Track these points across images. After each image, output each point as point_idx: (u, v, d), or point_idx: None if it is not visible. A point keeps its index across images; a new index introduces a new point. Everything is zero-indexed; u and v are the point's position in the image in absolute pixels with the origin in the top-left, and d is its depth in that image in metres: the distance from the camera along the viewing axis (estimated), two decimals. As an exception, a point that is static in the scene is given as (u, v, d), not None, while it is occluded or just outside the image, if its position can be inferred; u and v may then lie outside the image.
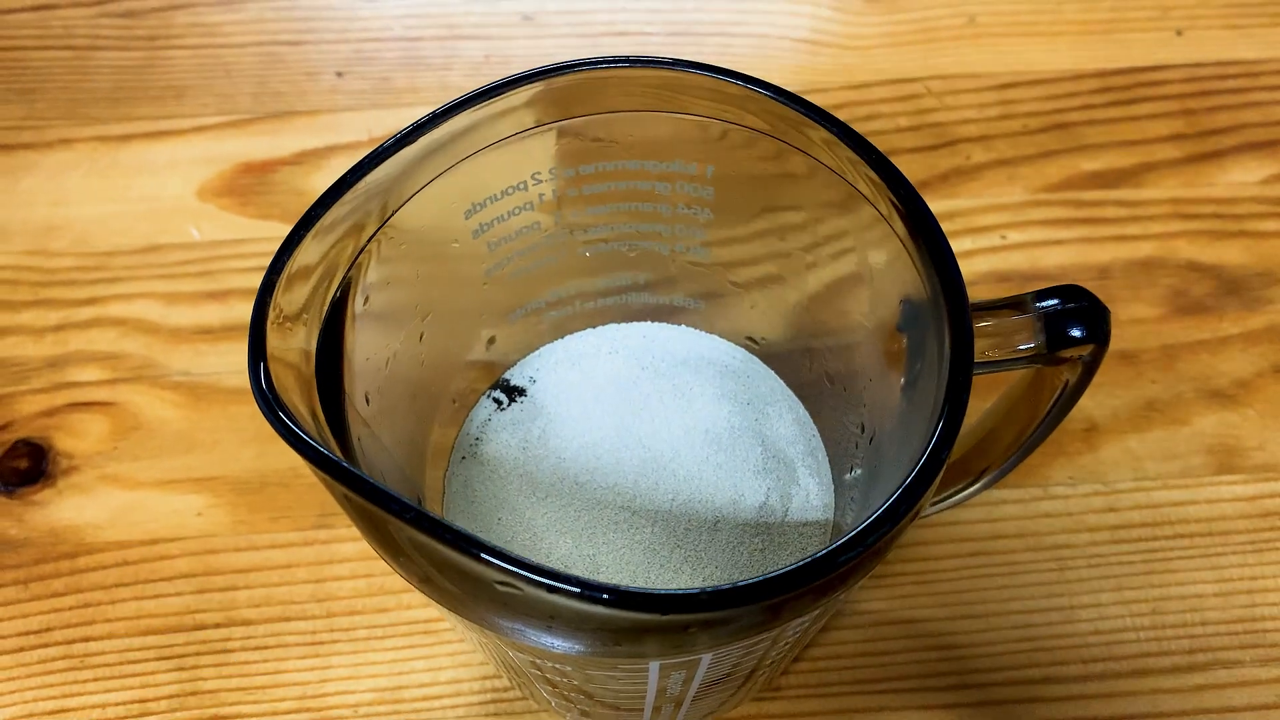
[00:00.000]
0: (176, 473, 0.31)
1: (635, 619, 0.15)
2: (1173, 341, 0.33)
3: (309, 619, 0.28)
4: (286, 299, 0.17)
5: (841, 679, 0.27)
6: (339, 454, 0.17)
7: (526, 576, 0.15)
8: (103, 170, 0.37)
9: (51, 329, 0.33)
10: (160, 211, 0.36)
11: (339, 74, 0.39)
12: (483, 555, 0.15)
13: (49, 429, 0.31)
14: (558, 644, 0.17)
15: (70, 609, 0.28)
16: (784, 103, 0.20)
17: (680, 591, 0.15)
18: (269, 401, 0.16)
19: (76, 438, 0.31)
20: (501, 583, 0.15)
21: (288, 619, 0.28)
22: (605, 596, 0.15)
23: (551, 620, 0.16)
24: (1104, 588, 0.28)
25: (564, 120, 0.22)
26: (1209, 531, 0.29)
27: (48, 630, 0.28)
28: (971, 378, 0.18)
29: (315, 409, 0.17)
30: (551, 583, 0.15)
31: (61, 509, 0.30)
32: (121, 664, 0.28)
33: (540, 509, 0.23)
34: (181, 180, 0.37)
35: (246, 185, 0.36)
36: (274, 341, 0.17)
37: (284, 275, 0.17)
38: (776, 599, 0.16)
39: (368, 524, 0.17)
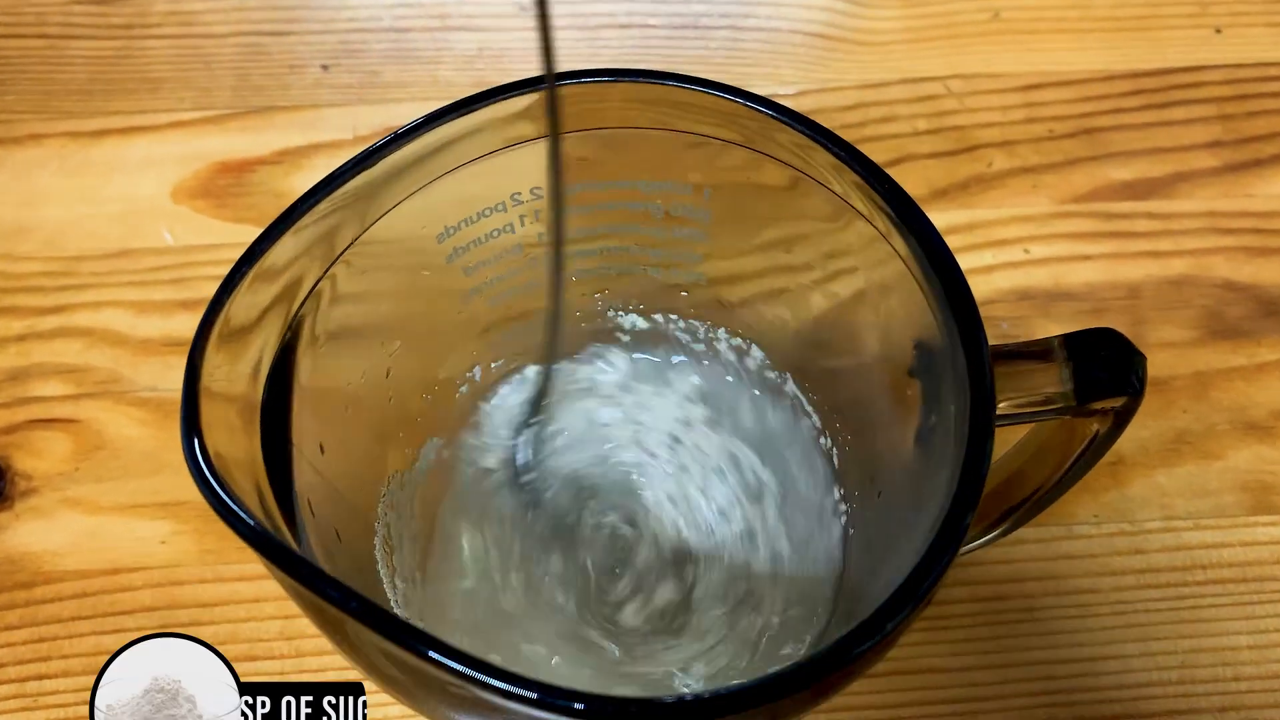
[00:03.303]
0: (141, 496, 0.29)
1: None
2: (1206, 368, 0.31)
3: (276, 658, 0.26)
4: (223, 354, 0.15)
5: (845, 733, 0.26)
6: (284, 527, 0.15)
7: (479, 679, 0.13)
8: (74, 169, 0.35)
9: (14, 339, 0.32)
10: (133, 213, 0.34)
11: (324, 67, 0.37)
12: (430, 654, 0.13)
13: (8, 447, 0.30)
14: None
15: (24, 643, 0.27)
16: (787, 123, 0.18)
17: (663, 700, 0.13)
18: (205, 479, 0.14)
19: (36, 457, 0.29)
20: (451, 685, 0.13)
21: (254, 658, 0.26)
22: (576, 706, 0.13)
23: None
24: (1129, 637, 0.27)
25: (546, 137, 0.20)
26: (1243, 577, 0.27)
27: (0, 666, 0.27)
28: (993, 443, 0.16)
29: (260, 482, 0.15)
30: (508, 688, 0.13)
31: (18, 534, 0.28)
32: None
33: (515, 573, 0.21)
34: (156, 180, 0.35)
35: (223, 186, 0.35)
36: (213, 394, 0.15)
37: (214, 331, 0.15)
38: (774, 702, 0.14)
39: (313, 611, 0.15)
